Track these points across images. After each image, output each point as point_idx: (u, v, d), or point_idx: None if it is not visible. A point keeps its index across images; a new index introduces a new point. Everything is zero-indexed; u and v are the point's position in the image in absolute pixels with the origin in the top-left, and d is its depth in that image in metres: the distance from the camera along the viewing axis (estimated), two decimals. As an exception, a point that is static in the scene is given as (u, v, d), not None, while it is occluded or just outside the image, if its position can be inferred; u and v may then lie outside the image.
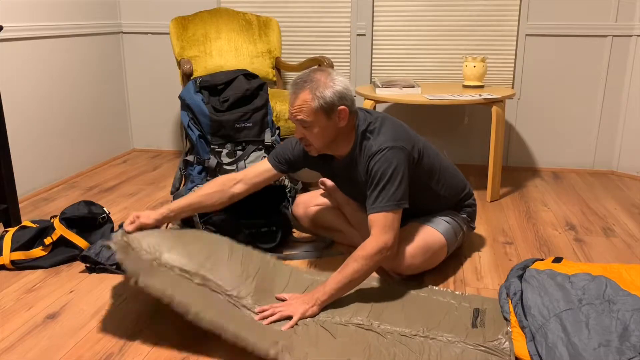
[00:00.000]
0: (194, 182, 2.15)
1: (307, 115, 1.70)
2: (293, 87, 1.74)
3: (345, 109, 1.72)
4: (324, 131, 1.74)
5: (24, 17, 2.76)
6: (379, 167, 1.73)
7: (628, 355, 1.33)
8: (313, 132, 1.73)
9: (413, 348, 1.50)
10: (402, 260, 1.84)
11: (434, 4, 3.22)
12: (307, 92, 1.69)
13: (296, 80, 1.74)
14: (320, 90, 1.68)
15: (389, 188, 1.71)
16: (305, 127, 1.73)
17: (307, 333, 1.55)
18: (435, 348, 1.50)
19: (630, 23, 3.06)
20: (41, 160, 2.92)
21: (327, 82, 1.69)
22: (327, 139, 1.76)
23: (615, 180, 3.17)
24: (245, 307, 1.65)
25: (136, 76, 3.65)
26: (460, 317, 1.65)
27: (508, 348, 1.50)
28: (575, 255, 2.16)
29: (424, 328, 1.59)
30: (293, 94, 1.72)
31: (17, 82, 2.72)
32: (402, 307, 1.70)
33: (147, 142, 3.78)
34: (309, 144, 1.78)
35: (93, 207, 2.22)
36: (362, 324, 1.60)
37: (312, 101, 1.68)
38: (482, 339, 1.54)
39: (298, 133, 1.77)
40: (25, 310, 1.76)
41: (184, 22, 3.07)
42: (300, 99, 1.70)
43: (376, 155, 1.74)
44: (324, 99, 1.68)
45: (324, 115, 1.70)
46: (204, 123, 2.13)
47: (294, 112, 1.72)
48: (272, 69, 3.17)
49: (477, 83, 2.89)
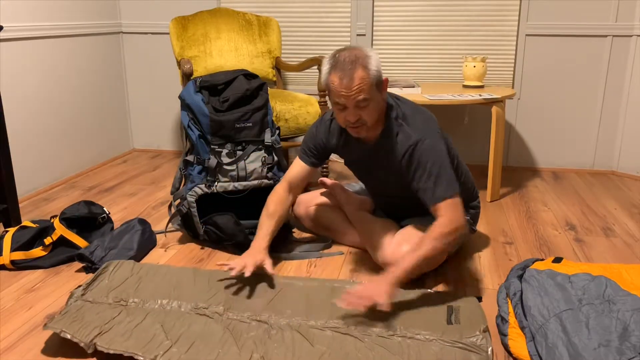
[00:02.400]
0: (194, 182, 2.15)
1: (367, 93, 1.66)
2: (339, 70, 1.65)
3: (387, 78, 1.74)
4: (378, 105, 1.73)
5: (24, 17, 2.76)
6: (427, 157, 1.72)
7: (628, 355, 1.33)
8: (369, 110, 1.70)
9: (392, 349, 1.48)
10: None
11: (434, 4, 3.22)
12: (361, 70, 1.64)
13: (337, 61, 1.66)
14: (371, 64, 1.66)
15: (444, 175, 1.72)
16: (362, 107, 1.68)
17: (283, 340, 1.53)
18: (414, 347, 1.49)
19: (630, 23, 3.06)
20: (41, 160, 2.92)
21: (369, 54, 1.68)
22: (378, 114, 1.75)
23: (615, 180, 3.17)
24: (217, 314, 1.65)
25: (136, 76, 3.65)
26: (435, 314, 1.64)
27: (485, 345, 1.49)
28: (575, 255, 2.16)
29: (400, 327, 1.58)
30: (345, 76, 1.63)
31: (17, 82, 2.72)
32: (379, 312, 1.68)
33: (147, 142, 3.78)
34: (361, 124, 1.73)
35: (93, 207, 2.22)
36: (339, 327, 1.59)
37: (368, 77, 1.65)
38: (459, 336, 1.53)
39: (352, 115, 1.69)
40: (25, 310, 1.76)
41: (184, 22, 3.07)
42: (357, 79, 1.63)
43: (419, 144, 1.73)
44: (376, 72, 1.67)
45: (376, 89, 1.69)
46: (204, 123, 2.13)
47: (353, 94, 1.64)
48: (272, 69, 3.17)
49: (477, 83, 2.89)
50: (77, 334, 1.51)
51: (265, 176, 2.20)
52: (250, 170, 2.18)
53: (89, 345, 1.48)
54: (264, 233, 1.93)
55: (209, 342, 1.52)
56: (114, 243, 2.05)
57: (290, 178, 2.01)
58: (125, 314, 1.64)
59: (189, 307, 1.69)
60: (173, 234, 2.36)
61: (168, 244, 2.27)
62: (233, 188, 2.18)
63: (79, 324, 1.56)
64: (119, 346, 1.48)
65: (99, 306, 1.67)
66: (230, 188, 2.17)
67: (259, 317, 1.64)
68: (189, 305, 1.69)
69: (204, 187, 2.15)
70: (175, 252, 2.18)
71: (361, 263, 2.08)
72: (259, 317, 1.64)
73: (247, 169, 2.17)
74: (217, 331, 1.57)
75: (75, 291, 1.73)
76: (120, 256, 2.02)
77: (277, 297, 1.76)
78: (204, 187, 2.15)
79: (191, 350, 1.48)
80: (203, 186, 2.15)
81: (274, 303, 1.72)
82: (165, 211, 2.62)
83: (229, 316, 1.64)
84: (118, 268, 1.89)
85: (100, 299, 1.71)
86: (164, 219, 2.50)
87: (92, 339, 1.49)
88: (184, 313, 1.66)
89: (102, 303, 1.69)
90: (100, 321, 1.59)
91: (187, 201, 2.15)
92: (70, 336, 1.50)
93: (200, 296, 1.75)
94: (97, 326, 1.56)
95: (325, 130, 1.96)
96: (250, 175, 2.18)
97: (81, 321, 1.58)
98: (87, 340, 1.49)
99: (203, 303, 1.70)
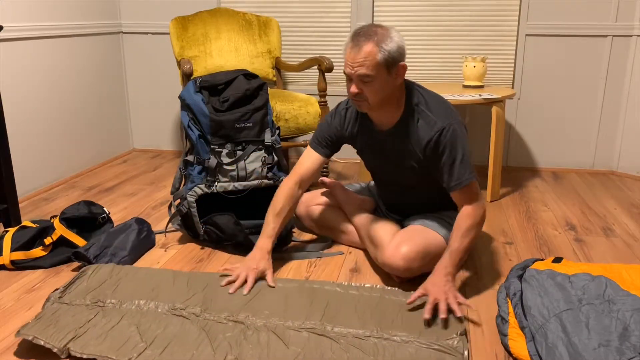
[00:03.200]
0: (194, 182, 2.15)
1: (371, 69, 1.68)
2: (353, 40, 1.69)
3: (405, 66, 1.75)
4: (383, 87, 1.73)
5: (24, 17, 2.76)
6: (454, 143, 1.77)
7: (628, 355, 1.33)
8: (372, 87, 1.72)
9: (367, 350, 1.48)
10: (401, 263, 1.83)
11: (434, 4, 3.22)
12: (372, 45, 1.66)
13: (356, 32, 1.70)
14: (386, 43, 1.67)
15: (466, 161, 1.78)
16: (365, 82, 1.71)
17: (258, 341, 1.53)
18: (389, 349, 1.49)
19: (630, 23, 3.06)
20: (41, 160, 2.92)
21: (391, 35, 1.69)
22: (383, 95, 1.75)
23: (615, 180, 3.17)
24: (194, 314, 1.65)
25: (136, 76, 3.65)
26: (413, 315, 1.64)
27: (461, 347, 1.49)
28: (575, 255, 2.16)
29: (377, 328, 1.58)
30: (355, 47, 1.68)
31: (17, 82, 2.72)
32: (355, 309, 1.69)
33: (147, 142, 3.78)
34: (363, 100, 1.76)
35: (93, 207, 2.22)
36: (315, 328, 1.58)
37: (377, 54, 1.66)
38: (435, 338, 1.53)
39: (354, 87, 1.73)
40: (25, 310, 1.76)
41: (184, 22, 3.07)
42: (364, 52, 1.66)
43: (444, 131, 1.77)
44: (388, 52, 1.67)
45: (385, 69, 1.69)
46: (204, 123, 2.13)
47: (355, 66, 1.68)
48: (272, 69, 3.17)
49: (477, 83, 2.89)
50: (51, 340, 1.48)
51: (265, 176, 2.20)
52: (250, 170, 2.18)
53: (62, 350, 1.45)
54: (269, 233, 1.93)
55: (184, 344, 1.51)
56: (109, 242, 2.05)
57: (302, 171, 2.00)
58: (101, 315, 1.62)
59: (166, 308, 1.68)
60: (173, 234, 2.36)
61: (168, 244, 2.27)
62: (233, 188, 2.18)
63: (53, 329, 1.53)
64: (93, 350, 1.46)
65: (75, 308, 1.65)
66: (230, 188, 2.17)
67: (236, 317, 1.63)
68: (166, 306, 1.68)
69: (204, 187, 2.15)
70: (175, 252, 2.18)
71: (361, 263, 2.09)
72: (236, 317, 1.63)
73: (247, 169, 2.17)
74: (193, 332, 1.56)
75: (52, 294, 1.71)
76: (115, 255, 2.03)
77: (256, 297, 1.75)
78: (204, 187, 2.15)
79: (165, 352, 1.48)
80: (203, 186, 2.15)
81: (252, 304, 1.72)
82: (165, 211, 2.62)
83: (206, 317, 1.64)
84: (97, 271, 1.87)
85: (78, 301, 1.69)
86: (164, 219, 2.50)
87: (65, 344, 1.47)
88: (161, 314, 1.65)
89: (79, 305, 1.67)
90: (76, 324, 1.56)
91: (187, 201, 2.15)
92: (43, 342, 1.47)
93: (178, 297, 1.74)
94: (71, 330, 1.53)
95: (340, 119, 1.99)
96: (250, 175, 2.18)
97: (55, 325, 1.55)
98: (61, 345, 1.46)
99: (180, 304, 1.70)
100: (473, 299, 1.82)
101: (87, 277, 1.84)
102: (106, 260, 2.00)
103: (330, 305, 1.71)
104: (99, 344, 1.49)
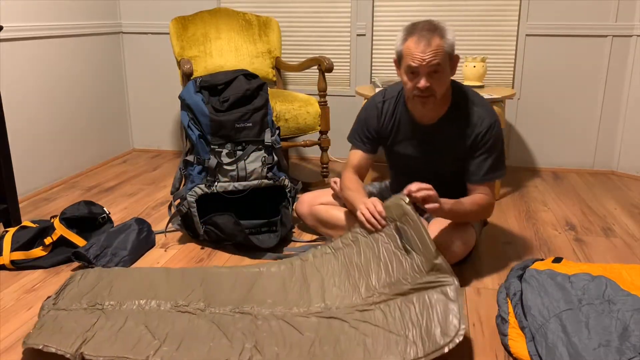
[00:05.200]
0: (194, 182, 2.15)
1: (442, 60, 1.75)
2: (415, 35, 1.74)
3: (458, 56, 1.84)
4: (447, 78, 1.82)
5: (24, 17, 2.76)
6: (497, 139, 1.88)
7: (628, 355, 1.33)
8: (440, 79, 1.78)
9: (376, 320, 1.50)
10: (449, 251, 1.85)
11: (434, 4, 3.22)
12: (438, 38, 1.74)
13: (415, 27, 1.76)
14: (448, 35, 1.76)
15: (501, 160, 1.91)
16: (435, 73, 1.76)
17: (271, 329, 1.55)
18: (393, 307, 1.52)
19: (630, 23, 3.06)
20: (41, 160, 2.92)
21: (446, 27, 1.78)
22: (446, 86, 1.83)
23: (615, 180, 3.17)
24: (199, 310, 1.65)
25: (136, 76, 3.65)
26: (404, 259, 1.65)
27: (443, 264, 1.54)
28: (575, 255, 2.16)
29: (376, 286, 1.61)
30: (422, 39, 1.73)
31: (17, 82, 2.72)
32: (348, 276, 1.71)
33: (147, 142, 3.78)
34: (430, 94, 1.80)
35: (93, 207, 2.22)
36: (321, 312, 1.61)
37: (444, 45, 1.75)
38: (434, 277, 1.54)
39: (424, 81, 1.77)
40: (25, 310, 1.76)
41: (184, 22, 3.07)
42: (434, 44, 1.73)
43: (492, 126, 1.87)
44: (451, 44, 1.77)
45: (449, 60, 1.79)
46: (204, 123, 2.13)
47: (428, 58, 1.73)
48: (272, 69, 3.17)
49: (477, 83, 2.89)
50: (62, 346, 1.47)
51: (265, 176, 2.20)
52: (250, 170, 2.18)
53: (75, 355, 1.44)
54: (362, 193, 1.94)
55: (198, 337, 1.52)
56: (109, 242, 2.05)
57: (355, 164, 2.05)
58: (104, 318, 1.61)
59: (169, 306, 1.67)
60: (173, 234, 2.36)
61: (168, 244, 2.27)
62: (233, 188, 2.18)
63: (60, 335, 1.51)
64: (108, 352, 1.45)
65: (74, 313, 1.64)
66: (230, 188, 2.17)
67: (242, 309, 1.64)
68: (168, 304, 1.68)
69: (204, 187, 2.15)
70: (175, 252, 2.19)
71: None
72: (242, 309, 1.64)
73: (247, 169, 2.17)
74: (203, 326, 1.57)
75: (45, 303, 1.68)
76: (115, 255, 2.03)
77: (255, 287, 1.77)
78: (204, 187, 2.15)
79: (182, 347, 1.48)
80: (203, 186, 2.15)
81: (253, 294, 1.73)
82: (165, 211, 2.62)
83: (212, 311, 1.64)
84: (85, 276, 1.84)
85: (74, 306, 1.67)
86: (164, 219, 2.51)
87: (77, 349, 1.46)
88: (165, 312, 1.65)
89: (77, 310, 1.65)
90: (81, 329, 1.55)
91: (187, 201, 2.15)
92: (55, 349, 1.46)
93: (177, 294, 1.73)
94: (79, 335, 1.52)
95: (376, 114, 2.01)
96: (250, 175, 2.18)
97: (61, 332, 1.53)
98: (73, 350, 1.45)
99: (182, 301, 1.69)
100: (473, 299, 1.82)
101: (77, 282, 1.80)
102: (106, 260, 2.00)
103: (325, 284, 1.73)
104: (112, 345, 1.48)
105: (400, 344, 1.42)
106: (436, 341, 1.38)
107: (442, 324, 1.41)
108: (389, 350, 1.41)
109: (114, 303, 1.69)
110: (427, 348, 1.38)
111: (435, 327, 1.41)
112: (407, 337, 1.43)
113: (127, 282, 1.81)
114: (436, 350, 1.36)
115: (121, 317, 1.62)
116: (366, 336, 1.47)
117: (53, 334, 1.52)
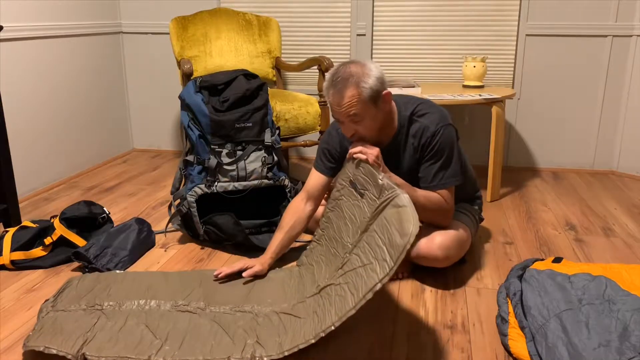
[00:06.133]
0: (194, 182, 2.15)
1: (359, 109, 1.71)
2: (332, 87, 1.72)
3: (389, 92, 1.77)
4: (375, 120, 1.76)
5: (24, 17, 2.76)
6: (443, 145, 1.82)
7: (628, 355, 1.33)
8: (365, 125, 1.75)
9: (351, 266, 1.53)
10: (439, 252, 1.86)
11: (434, 4, 3.22)
12: (353, 87, 1.69)
13: (333, 79, 1.72)
14: (364, 81, 1.70)
15: (453, 166, 1.85)
16: (356, 122, 1.74)
17: (272, 323, 1.57)
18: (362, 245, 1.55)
19: (630, 23, 3.06)
20: (41, 160, 2.92)
21: (365, 71, 1.71)
22: (377, 127, 1.79)
23: (615, 180, 3.17)
24: (199, 309, 1.66)
25: (136, 76, 3.65)
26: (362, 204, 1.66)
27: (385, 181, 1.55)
28: (575, 255, 2.16)
29: (349, 241, 1.65)
30: (336, 93, 1.71)
31: (17, 82, 2.72)
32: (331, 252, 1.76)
33: (147, 142, 3.78)
34: (360, 139, 1.79)
35: (93, 207, 2.22)
36: (315, 292, 1.65)
37: (360, 94, 1.69)
38: (383, 197, 1.55)
39: (348, 130, 1.77)
40: (25, 310, 1.76)
41: (184, 22, 3.07)
42: (347, 96, 1.69)
43: (436, 134, 1.81)
44: (370, 89, 1.70)
45: (372, 104, 1.73)
46: (204, 123, 2.13)
47: (343, 110, 1.71)
48: (272, 69, 3.17)
49: (477, 83, 2.89)
50: (63, 347, 1.46)
51: (265, 176, 2.20)
52: (250, 170, 2.18)
53: (77, 356, 1.44)
54: (272, 249, 1.95)
55: (200, 336, 1.52)
56: (109, 242, 2.05)
57: (309, 188, 2.00)
58: (105, 319, 1.61)
59: (169, 306, 1.68)
60: (173, 234, 2.36)
61: (168, 244, 2.27)
62: (233, 188, 2.18)
63: (61, 336, 1.51)
64: (110, 352, 1.45)
65: (74, 314, 1.63)
66: (230, 188, 2.17)
67: (242, 308, 1.66)
68: (167, 304, 1.68)
69: (204, 187, 2.15)
70: (175, 252, 2.18)
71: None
72: (242, 308, 1.66)
73: (247, 169, 2.17)
74: (204, 325, 1.57)
75: (43, 305, 1.69)
76: (115, 255, 2.02)
77: (255, 289, 1.79)
78: (204, 187, 2.15)
79: (184, 345, 1.48)
80: (203, 186, 2.15)
81: (253, 295, 1.75)
82: (165, 211, 2.62)
83: (212, 310, 1.65)
84: (83, 280, 1.84)
85: (73, 307, 1.67)
86: (164, 219, 2.51)
87: (78, 349, 1.46)
88: (165, 311, 1.65)
89: (75, 310, 1.65)
90: (82, 330, 1.55)
91: (187, 201, 2.15)
92: (56, 350, 1.46)
93: (177, 294, 1.74)
94: (80, 335, 1.52)
95: (336, 134, 1.98)
96: (250, 175, 2.18)
97: (61, 333, 1.53)
98: (74, 351, 1.45)
99: (182, 300, 1.70)
100: (473, 299, 1.82)
101: (75, 286, 1.80)
102: (106, 260, 2.00)
103: (316, 269, 1.79)
104: (113, 345, 1.48)
105: (375, 269, 1.43)
106: (398, 245, 1.39)
107: (399, 229, 1.41)
108: (368, 279, 1.42)
109: (113, 304, 1.69)
110: (393, 256, 1.39)
111: (395, 236, 1.42)
112: (377, 259, 1.44)
113: (125, 285, 1.81)
114: (401, 254, 1.37)
115: (121, 317, 1.62)
116: (347, 283, 1.50)
117: (54, 336, 1.52)
